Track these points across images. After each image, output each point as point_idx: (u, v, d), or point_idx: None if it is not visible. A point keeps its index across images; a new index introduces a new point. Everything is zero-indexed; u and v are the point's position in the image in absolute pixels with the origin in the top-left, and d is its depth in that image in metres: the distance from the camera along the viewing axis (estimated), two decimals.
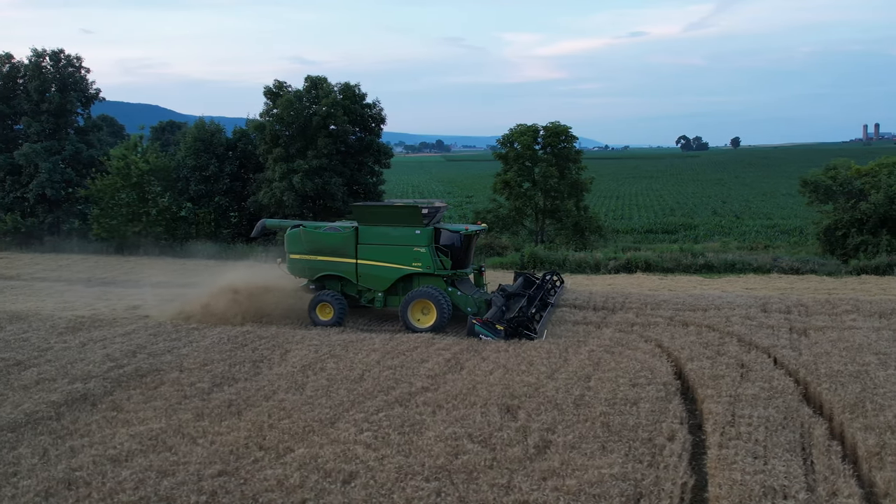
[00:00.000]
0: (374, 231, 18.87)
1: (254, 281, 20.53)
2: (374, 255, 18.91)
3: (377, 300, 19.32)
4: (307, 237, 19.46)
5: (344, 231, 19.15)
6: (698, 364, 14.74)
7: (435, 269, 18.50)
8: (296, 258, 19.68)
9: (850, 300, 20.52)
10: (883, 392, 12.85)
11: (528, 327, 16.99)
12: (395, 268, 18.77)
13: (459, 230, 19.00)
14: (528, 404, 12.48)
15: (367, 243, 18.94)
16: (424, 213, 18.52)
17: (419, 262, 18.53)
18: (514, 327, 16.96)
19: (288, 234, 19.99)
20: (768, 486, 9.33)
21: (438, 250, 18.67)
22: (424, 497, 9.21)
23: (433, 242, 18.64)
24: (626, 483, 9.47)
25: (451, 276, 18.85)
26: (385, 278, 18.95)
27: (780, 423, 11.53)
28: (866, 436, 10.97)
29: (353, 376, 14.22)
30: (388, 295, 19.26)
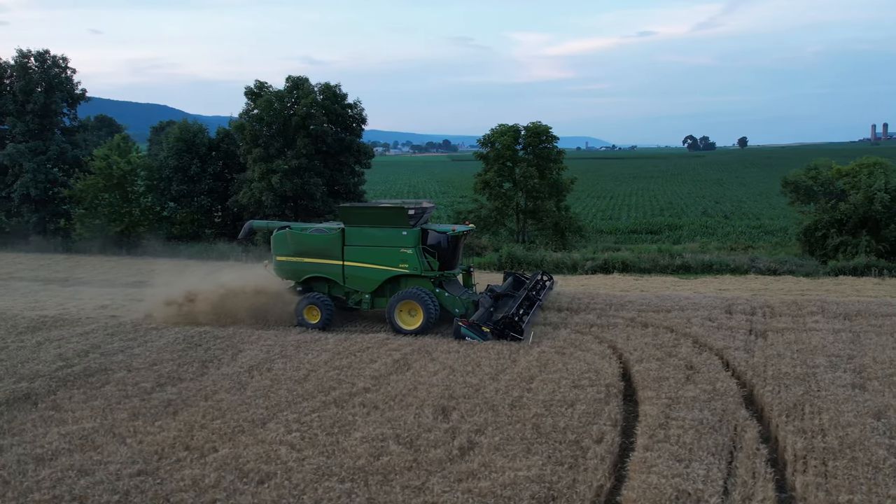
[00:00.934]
0: (361, 232, 18.72)
1: (209, 285, 20.32)
2: (360, 257, 18.75)
3: (364, 302, 19.15)
4: (293, 239, 19.33)
5: (330, 233, 19.01)
6: (646, 366, 14.65)
7: (422, 271, 18.32)
8: (282, 260, 19.53)
9: (818, 301, 20.34)
10: (825, 395, 12.74)
11: (514, 329, 16.76)
12: (382, 269, 18.63)
13: (446, 231, 18.76)
14: (463, 406, 12.44)
15: (353, 245, 18.79)
16: (411, 213, 18.33)
17: (406, 263, 18.37)
18: (501, 329, 16.71)
19: (274, 235, 19.83)
20: (682, 490, 9.25)
21: (425, 251, 18.49)
22: (335, 498, 9.21)
23: (420, 243, 18.46)
24: (539, 485, 9.42)
25: (439, 278, 18.63)
26: (372, 280, 18.79)
27: (713, 425, 11.43)
28: (796, 439, 10.89)
29: (297, 377, 14.22)
30: (375, 297, 19.08)
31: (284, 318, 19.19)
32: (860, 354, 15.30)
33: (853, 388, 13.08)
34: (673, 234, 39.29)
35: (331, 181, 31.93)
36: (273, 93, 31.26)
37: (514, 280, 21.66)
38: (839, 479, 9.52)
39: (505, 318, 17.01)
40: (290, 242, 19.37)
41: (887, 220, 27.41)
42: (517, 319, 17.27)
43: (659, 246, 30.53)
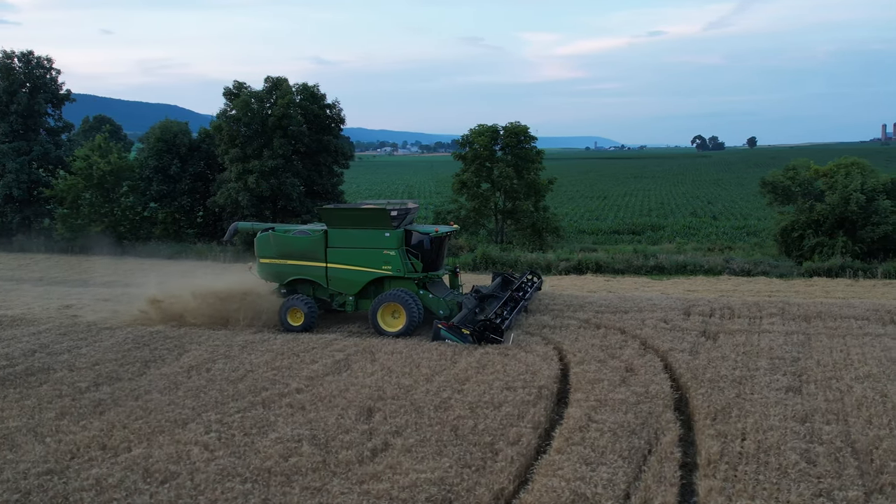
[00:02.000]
0: (343, 234, 18.60)
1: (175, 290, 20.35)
2: (343, 259, 18.64)
3: (348, 304, 19.03)
4: (276, 241, 19.22)
5: (313, 234, 18.92)
6: (585, 367, 14.56)
7: (405, 272, 18.17)
8: (266, 262, 19.42)
9: (779, 303, 20.15)
10: (756, 398, 12.62)
11: (494, 331, 16.52)
12: (365, 271, 18.49)
13: (429, 232, 18.62)
14: (389, 407, 12.41)
15: (336, 247, 18.68)
16: (393, 215, 18.23)
17: (389, 264, 18.24)
18: (481, 331, 16.51)
19: (258, 237, 19.72)
20: (580, 494, 9.17)
21: (409, 252, 18.33)
22: (231, 499, 9.20)
23: (403, 245, 18.34)
24: (439, 488, 9.37)
25: (423, 279, 18.49)
26: (355, 282, 18.68)
27: (633, 429, 11.33)
28: (713, 443, 10.77)
29: (233, 377, 14.23)
30: (359, 298, 18.98)
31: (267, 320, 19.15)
32: (805, 357, 15.15)
33: (787, 392, 12.94)
34: (654, 234, 39.06)
35: (308, 181, 31.96)
36: (250, 93, 31.34)
37: (503, 280, 21.38)
38: (743, 484, 9.41)
39: (485, 321, 16.76)
40: (273, 244, 19.24)
41: (863, 221, 27.10)
42: (499, 322, 16.96)
43: (634, 247, 30.36)
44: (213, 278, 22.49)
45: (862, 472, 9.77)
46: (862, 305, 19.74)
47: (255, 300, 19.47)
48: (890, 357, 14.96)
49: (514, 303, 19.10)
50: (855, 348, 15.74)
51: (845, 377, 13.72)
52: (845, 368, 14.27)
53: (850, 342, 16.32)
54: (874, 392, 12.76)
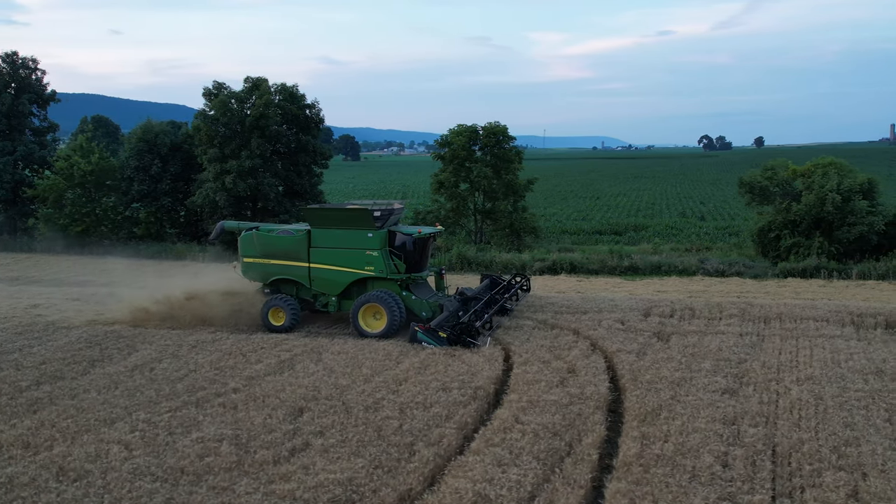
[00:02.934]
0: (327, 234, 18.53)
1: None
2: (326, 259, 18.54)
3: (331, 304, 18.91)
4: (260, 240, 19.14)
5: (296, 234, 18.84)
6: (527, 368, 14.52)
7: (388, 273, 18.04)
8: (249, 262, 19.33)
9: (742, 304, 20.02)
10: (689, 400, 12.53)
11: (470, 335, 16.25)
12: (348, 272, 18.39)
13: (412, 233, 18.44)
14: (320, 407, 12.41)
15: (319, 247, 18.59)
16: (376, 215, 18.09)
17: (371, 265, 18.12)
18: (458, 335, 16.22)
19: (241, 237, 19.65)
20: (483, 496, 9.14)
21: (392, 253, 18.21)
22: (136, 498, 9.22)
23: (386, 245, 18.20)
24: (344, 488, 9.36)
25: (406, 280, 18.35)
26: (338, 282, 18.58)
27: (557, 430, 11.27)
28: (634, 445, 10.72)
29: (175, 377, 14.27)
30: (342, 299, 18.84)
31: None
32: (752, 359, 15.04)
33: (723, 394, 12.84)
34: (636, 235, 38.86)
35: (287, 181, 32.01)
36: (229, 94, 31.44)
37: (491, 282, 21.18)
38: (651, 487, 9.34)
39: (461, 324, 16.54)
40: (256, 244, 19.18)
41: (840, 222, 26.87)
42: (478, 325, 16.75)
43: (610, 247, 30.23)
44: (190, 279, 22.61)
45: (775, 476, 9.70)
46: (825, 307, 19.57)
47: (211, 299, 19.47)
48: (836, 359, 14.84)
49: (495, 305, 18.84)
50: (804, 350, 15.62)
51: (786, 379, 13.62)
52: (788, 370, 14.17)
53: (802, 344, 16.20)
54: (810, 395, 12.66)
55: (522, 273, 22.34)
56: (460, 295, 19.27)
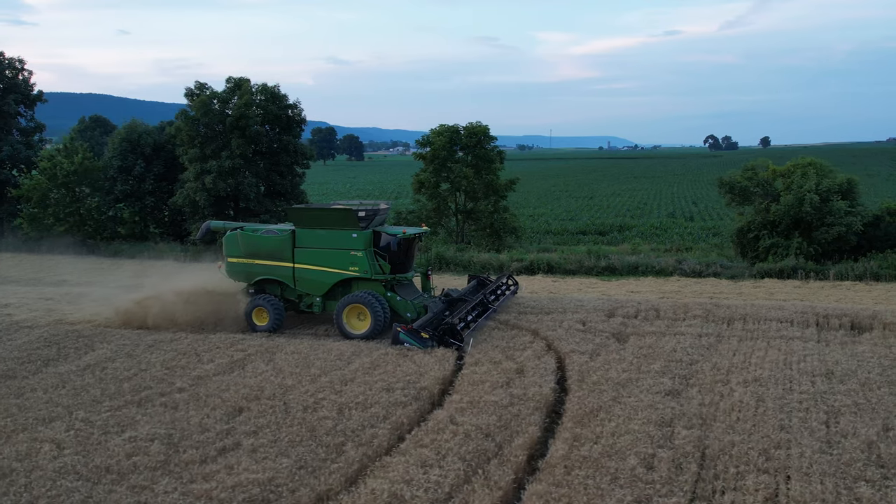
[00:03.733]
0: (311, 234, 18.39)
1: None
2: (310, 259, 18.41)
3: (315, 305, 18.77)
4: (244, 240, 19.00)
5: (280, 234, 18.72)
6: (476, 369, 14.50)
7: (372, 274, 17.84)
8: (233, 262, 19.19)
9: (709, 305, 19.85)
10: (630, 402, 12.47)
11: (454, 336, 16.05)
12: (332, 272, 18.20)
13: (396, 233, 18.31)
14: (260, 406, 12.43)
15: (303, 247, 18.47)
16: (361, 215, 17.93)
17: (356, 266, 17.95)
18: (441, 336, 16.10)
19: (226, 237, 19.51)
20: (398, 496, 9.14)
21: (377, 254, 18.07)
22: (53, 497, 9.25)
23: (371, 246, 18.05)
24: (262, 489, 9.37)
25: (391, 281, 18.22)
26: (322, 283, 18.44)
27: (489, 431, 11.24)
28: (563, 446, 10.68)
29: (124, 376, 14.31)
30: (326, 300, 18.68)
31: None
32: (704, 360, 14.95)
33: (665, 395, 12.77)
34: (620, 235, 38.73)
35: (268, 181, 32.07)
36: (211, 94, 31.53)
37: (478, 283, 21.00)
38: (568, 489, 9.31)
39: (444, 325, 16.37)
40: (241, 244, 19.05)
41: (818, 223, 26.69)
42: (462, 326, 16.59)
43: (588, 247, 30.12)
44: (162, 279, 22.66)
45: (698, 479, 9.63)
46: (792, 308, 19.40)
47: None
48: (788, 361, 14.73)
49: (481, 307, 18.70)
50: (759, 351, 15.50)
51: (732, 381, 13.53)
52: (738, 372, 14.06)
53: (758, 345, 16.08)
54: (752, 396, 12.57)
55: (510, 274, 22.10)
56: (446, 296, 19.06)
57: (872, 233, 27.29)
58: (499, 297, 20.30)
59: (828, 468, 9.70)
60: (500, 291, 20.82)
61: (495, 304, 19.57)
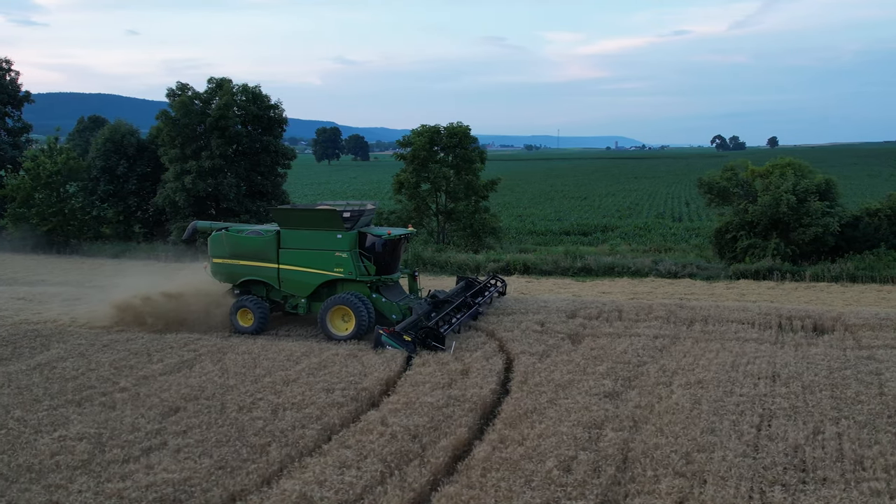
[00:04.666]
0: (296, 235, 18.23)
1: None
2: (295, 260, 18.27)
3: (300, 306, 18.60)
4: (229, 241, 18.88)
5: (265, 235, 18.57)
6: (422, 370, 14.49)
7: (357, 275, 17.69)
8: (218, 262, 19.07)
9: (673, 306, 19.71)
10: (566, 404, 12.41)
11: (435, 339, 15.92)
12: (317, 273, 18.05)
13: (382, 234, 18.15)
14: (197, 406, 12.45)
15: (288, 248, 18.31)
16: (346, 216, 17.80)
17: (341, 267, 17.80)
18: (422, 338, 15.95)
19: (211, 237, 19.41)
20: (308, 497, 9.14)
21: (362, 255, 17.93)
22: None
23: (356, 247, 17.91)
24: (175, 488, 9.39)
25: (376, 282, 18.08)
26: (307, 284, 18.31)
27: (418, 432, 11.22)
28: (485, 447, 10.67)
29: (70, 375, 14.36)
30: (311, 301, 18.52)
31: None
32: (652, 362, 14.87)
33: (603, 397, 12.70)
34: (603, 235, 38.58)
35: (249, 181, 32.16)
36: (189, 95, 31.66)
37: (466, 284, 20.82)
38: (480, 491, 9.30)
39: (426, 327, 16.21)
40: (225, 244, 18.91)
41: (795, 223, 26.49)
42: (445, 329, 16.48)
43: (566, 248, 30.01)
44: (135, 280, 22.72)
45: (613, 482, 9.58)
46: (757, 309, 19.25)
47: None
48: (737, 363, 14.62)
49: (466, 308, 18.54)
50: (710, 353, 15.39)
51: (675, 383, 13.44)
52: (683, 374, 13.97)
53: (711, 347, 15.97)
54: (690, 399, 12.47)
55: (496, 275, 21.93)
56: (432, 298, 18.85)
57: (851, 234, 27.07)
58: (486, 299, 20.01)
59: (746, 472, 9.63)
60: (488, 292, 20.61)
61: (481, 306, 19.26)
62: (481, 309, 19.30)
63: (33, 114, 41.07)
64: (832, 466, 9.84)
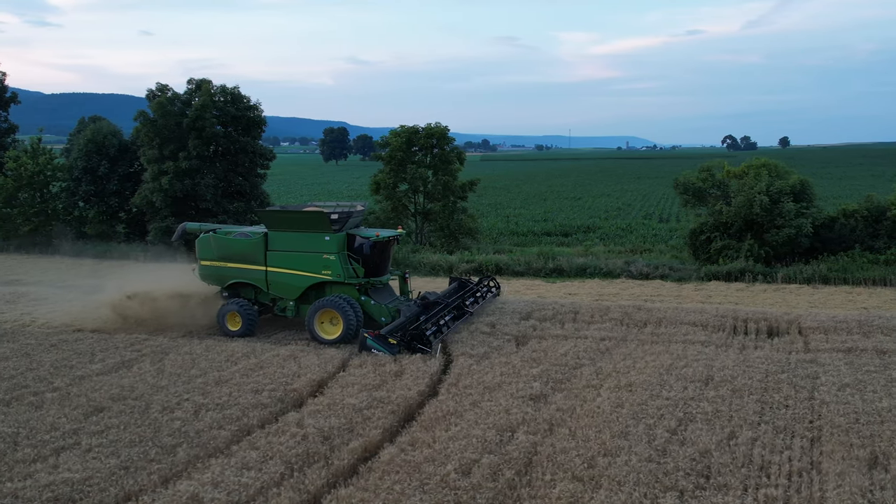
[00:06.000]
0: (284, 237, 18.02)
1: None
2: (283, 263, 18.05)
3: (289, 309, 18.39)
4: (216, 243, 18.67)
5: (253, 237, 18.39)
6: (357, 371, 14.54)
7: (345, 277, 17.47)
8: (206, 264, 18.87)
9: (629, 308, 19.53)
10: (489, 405, 12.40)
11: (421, 342, 15.67)
12: (305, 275, 17.81)
13: (370, 236, 17.90)
14: (121, 406, 12.52)
15: (276, 250, 18.09)
16: (334, 218, 17.51)
17: (329, 269, 17.57)
18: (408, 341, 15.67)
19: (199, 239, 19.10)
20: (198, 498, 9.17)
21: (350, 257, 17.67)
22: None
23: (344, 249, 17.68)
24: (72, 488, 9.44)
25: (365, 285, 17.87)
26: (295, 286, 18.09)
27: (330, 434, 11.23)
28: (393, 450, 10.65)
29: (8, 375, 14.50)
30: (300, 304, 18.28)
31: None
32: (590, 364, 14.77)
33: (528, 400, 12.64)
34: (584, 236, 38.39)
35: (226, 182, 32.28)
36: (168, 97, 31.83)
37: (459, 285, 20.56)
38: (370, 494, 9.31)
39: (412, 330, 15.98)
40: (213, 246, 18.71)
41: (769, 224, 26.20)
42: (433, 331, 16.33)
43: (540, 249, 29.85)
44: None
45: (511, 486, 9.52)
46: (715, 311, 19.04)
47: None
48: (674, 366, 14.47)
49: (456, 311, 18.32)
50: (649, 356, 15.26)
51: (605, 385, 13.35)
52: (616, 376, 13.86)
53: (655, 349, 15.85)
54: (613, 402, 12.37)
55: (491, 277, 21.66)
56: (422, 300, 18.53)
57: (827, 235, 26.75)
58: (477, 301, 19.82)
59: (645, 477, 9.52)
60: (480, 294, 20.31)
61: (473, 308, 19.01)
62: (472, 310, 18.93)
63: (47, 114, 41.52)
64: (736, 472, 9.72)
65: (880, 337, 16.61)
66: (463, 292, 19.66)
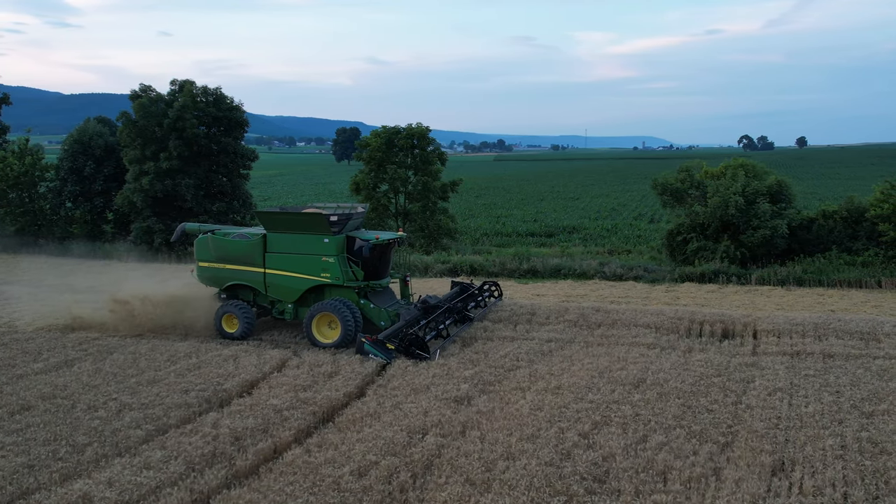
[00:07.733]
0: (282, 239, 17.76)
1: None
2: (281, 265, 17.81)
3: (287, 312, 18.12)
4: (214, 244, 18.48)
5: (252, 238, 18.18)
6: (293, 371, 14.66)
7: (344, 280, 17.25)
8: (204, 266, 18.67)
9: (587, 309, 19.34)
10: (410, 407, 12.37)
11: (420, 347, 15.39)
12: (304, 278, 17.55)
13: (370, 238, 17.61)
14: (49, 405, 12.69)
15: (274, 252, 17.86)
16: (333, 220, 17.20)
17: (328, 272, 17.32)
18: (407, 346, 15.42)
19: (197, 240, 18.93)
20: (87, 496, 9.23)
21: (349, 260, 17.46)
22: None
23: (343, 251, 17.45)
24: (13, 487, 9.52)
25: (364, 288, 17.65)
26: (294, 289, 17.83)
27: (241, 435, 11.24)
28: (299, 451, 10.66)
29: None
30: (298, 306, 18.02)
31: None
32: (526, 366, 14.68)
33: (451, 402, 12.58)
34: (568, 237, 38.14)
35: (207, 183, 32.50)
36: (150, 97, 32.12)
37: (461, 289, 20.33)
38: (258, 496, 9.35)
39: (410, 335, 15.75)
40: (211, 248, 18.52)
41: (744, 225, 25.87)
42: (433, 335, 16.27)
43: (516, 249, 29.69)
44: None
45: (401, 489, 9.48)
46: (672, 314, 18.80)
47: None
48: (608, 369, 14.33)
49: (457, 315, 18.19)
50: (588, 358, 15.12)
51: (533, 388, 13.25)
52: (548, 379, 13.74)
53: (597, 351, 15.71)
54: (534, 406, 12.28)
55: (493, 281, 21.45)
56: (423, 303, 18.16)
57: (804, 236, 26.35)
58: (479, 306, 19.59)
59: (538, 482, 9.43)
60: (482, 299, 20.07)
61: (474, 313, 18.82)
62: (472, 315, 18.69)
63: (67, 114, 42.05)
64: (633, 478, 9.59)
65: (832, 340, 16.33)
66: (464, 296, 19.34)
